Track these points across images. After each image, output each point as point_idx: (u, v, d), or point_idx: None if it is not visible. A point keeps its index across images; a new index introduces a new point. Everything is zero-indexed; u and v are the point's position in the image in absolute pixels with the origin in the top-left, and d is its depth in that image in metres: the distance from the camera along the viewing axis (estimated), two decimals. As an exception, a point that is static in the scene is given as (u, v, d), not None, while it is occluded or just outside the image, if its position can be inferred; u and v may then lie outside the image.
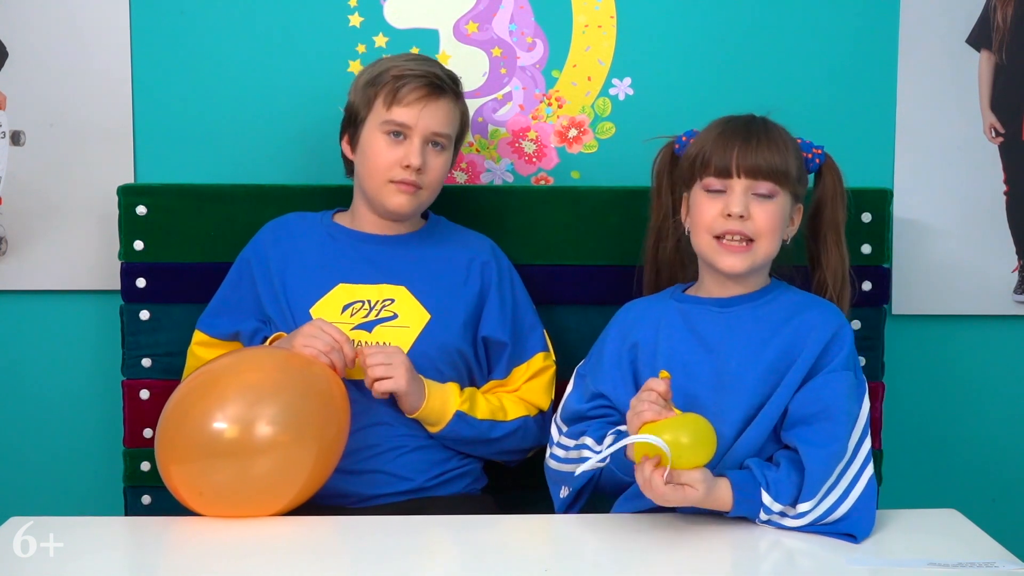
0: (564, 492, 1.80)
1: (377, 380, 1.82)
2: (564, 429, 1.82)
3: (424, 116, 1.91)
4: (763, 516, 1.61)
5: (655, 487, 1.55)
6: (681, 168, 1.82)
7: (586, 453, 1.74)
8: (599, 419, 1.78)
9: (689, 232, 1.80)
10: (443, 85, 1.93)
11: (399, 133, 1.91)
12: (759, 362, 1.70)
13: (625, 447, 1.64)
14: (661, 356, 1.75)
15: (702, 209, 1.75)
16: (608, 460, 1.68)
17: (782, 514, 1.61)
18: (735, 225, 1.72)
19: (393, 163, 1.91)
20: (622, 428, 1.72)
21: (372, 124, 1.93)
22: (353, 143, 1.97)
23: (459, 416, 1.89)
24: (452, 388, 1.91)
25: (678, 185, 1.86)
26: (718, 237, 1.73)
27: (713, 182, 1.74)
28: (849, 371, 1.69)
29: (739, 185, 1.72)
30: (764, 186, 1.73)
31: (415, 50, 2.19)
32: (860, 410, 1.68)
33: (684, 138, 1.85)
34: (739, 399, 1.68)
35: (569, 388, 1.85)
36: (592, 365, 1.83)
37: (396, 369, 1.83)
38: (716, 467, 1.62)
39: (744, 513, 1.61)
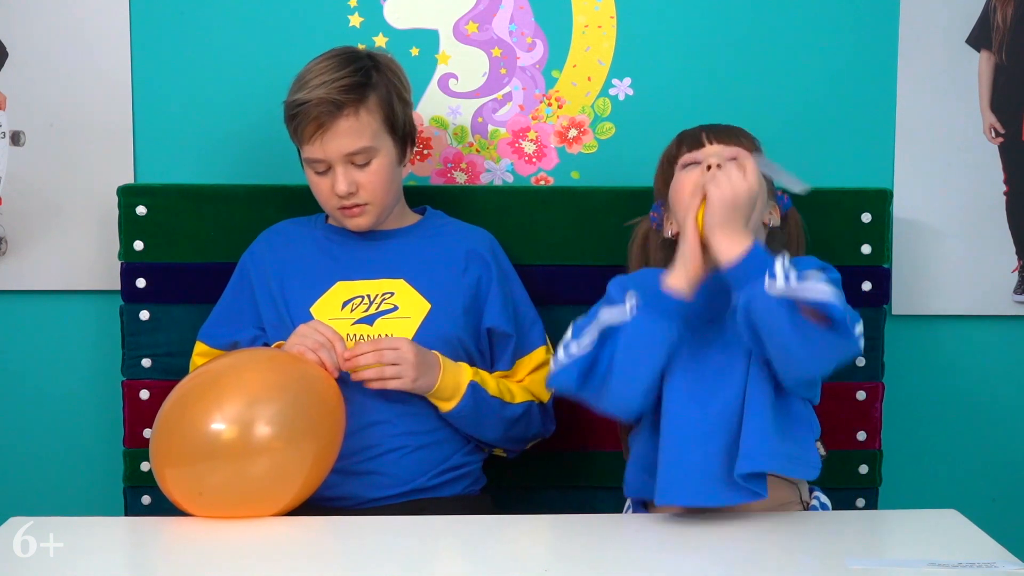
0: (584, 343, 1.66)
1: (382, 379, 1.83)
2: (567, 339, 1.70)
3: (328, 146, 1.88)
4: (778, 271, 1.54)
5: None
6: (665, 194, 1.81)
7: (604, 314, 1.64)
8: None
9: (676, 235, 1.76)
10: (333, 108, 1.86)
11: (320, 166, 1.91)
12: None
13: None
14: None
15: (682, 185, 1.74)
16: (635, 306, 1.61)
17: (787, 278, 1.54)
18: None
19: (328, 194, 1.92)
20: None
21: (303, 160, 1.94)
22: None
23: (473, 387, 1.88)
24: (461, 364, 1.91)
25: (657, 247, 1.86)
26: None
27: (688, 156, 1.76)
28: (818, 267, 1.65)
29: (712, 148, 1.76)
30: (733, 151, 1.74)
31: (341, 46, 2.01)
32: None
33: (654, 214, 1.85)
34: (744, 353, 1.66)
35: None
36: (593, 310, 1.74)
37: (407, 369, 1.83)
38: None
39: (757, 261, 1.55)
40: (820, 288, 1.54)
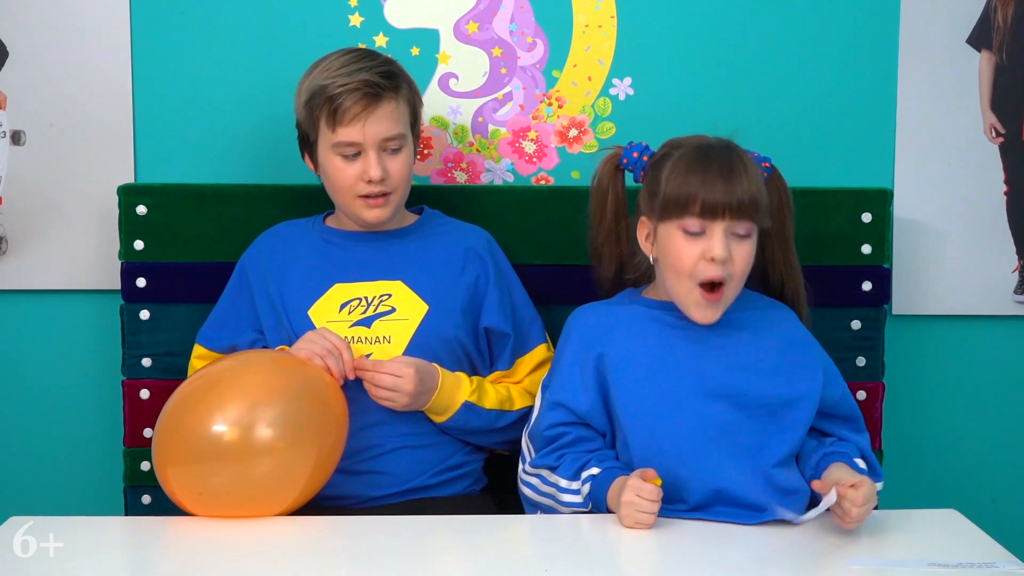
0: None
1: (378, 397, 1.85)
2: (533, 453, 1.82)
3: (369, 128, 1.88)
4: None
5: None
6: (653, 197, 1.74)
7: (565, 497, 1.74)
8: (560, 444, 1.77)
9: (654, 260, 1.77)
10: (379, 89, 1.88)
11: (352, 150, 1.90)
12: (750, 362, 1.73)
13: (606, 492, 1.68)
14: (637, 364, 1.75)
15: (680, 252, 1.70)
16: (590, 505, 1.72)
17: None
18: (717, 271, 1.68)
19: (355, 180, 1.91)
20: (594, 471, 1.71)
21: (324, 146, 1.92)
22: (314, 161, 1.97)
23: (466, 406, 1.89)
24: (462, 380, 1.91)
25: (621, 205, 1.87)
26: (701, 285, 1.70)
27: (694, 224, 1.68)
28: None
29: (720, 227, 1.67)
30: (743, 226, 1.69)
31: (360, 45, 2.08)
32: None
33: (636, 154, 1.83)
34: (732, 399, 1.71)
35: (537, 402, 1.85)
36: (550, 375, 1.84)
37: (400, 398, 1.84)
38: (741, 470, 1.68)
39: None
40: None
